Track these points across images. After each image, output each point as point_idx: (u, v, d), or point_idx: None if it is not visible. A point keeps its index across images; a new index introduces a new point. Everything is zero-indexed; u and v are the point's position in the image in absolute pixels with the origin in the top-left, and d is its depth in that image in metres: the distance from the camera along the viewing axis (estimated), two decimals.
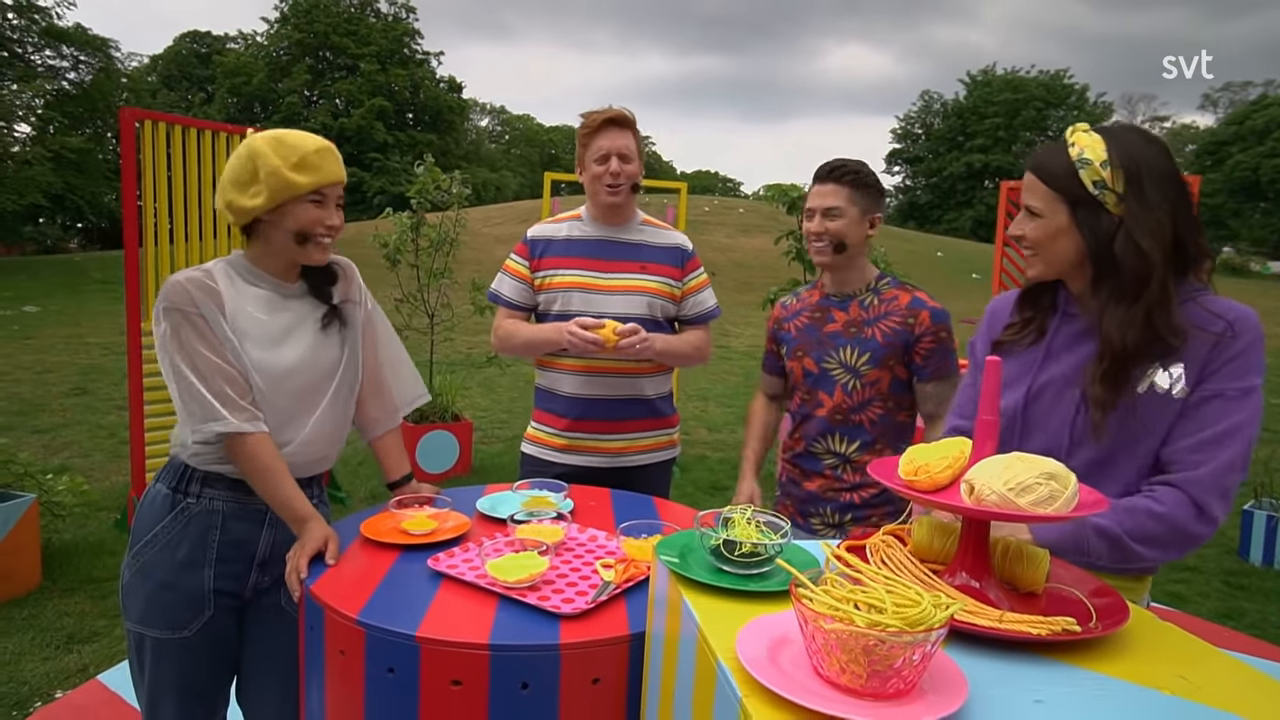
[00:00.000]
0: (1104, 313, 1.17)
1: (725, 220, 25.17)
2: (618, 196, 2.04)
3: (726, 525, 1.02)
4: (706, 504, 4.95)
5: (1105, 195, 1.15)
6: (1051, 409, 1.24)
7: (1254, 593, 3.87)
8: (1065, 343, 1.26)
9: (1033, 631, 0.79)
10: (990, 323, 1.42)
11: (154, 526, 1.46)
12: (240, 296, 1.47)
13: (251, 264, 1.51)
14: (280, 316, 1.51)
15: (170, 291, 1.41)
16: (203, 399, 1.38)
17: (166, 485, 1.48)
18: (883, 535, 1.00)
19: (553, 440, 2.12)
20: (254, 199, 1.44)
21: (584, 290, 2.05)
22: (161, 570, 1.44)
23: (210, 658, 1.49)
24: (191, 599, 1.45)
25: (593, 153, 2.03)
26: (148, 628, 1.45)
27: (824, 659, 0.70)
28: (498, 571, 1.26)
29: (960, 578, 0.90)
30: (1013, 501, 0.82)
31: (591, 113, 2.08)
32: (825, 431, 1.86)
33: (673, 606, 0.97)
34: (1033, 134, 53.13)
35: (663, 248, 2.15)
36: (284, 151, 1.43)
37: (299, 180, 1.44)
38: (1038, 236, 1.22)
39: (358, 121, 36.17)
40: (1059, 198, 1.18)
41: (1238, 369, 1.14)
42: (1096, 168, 1.15)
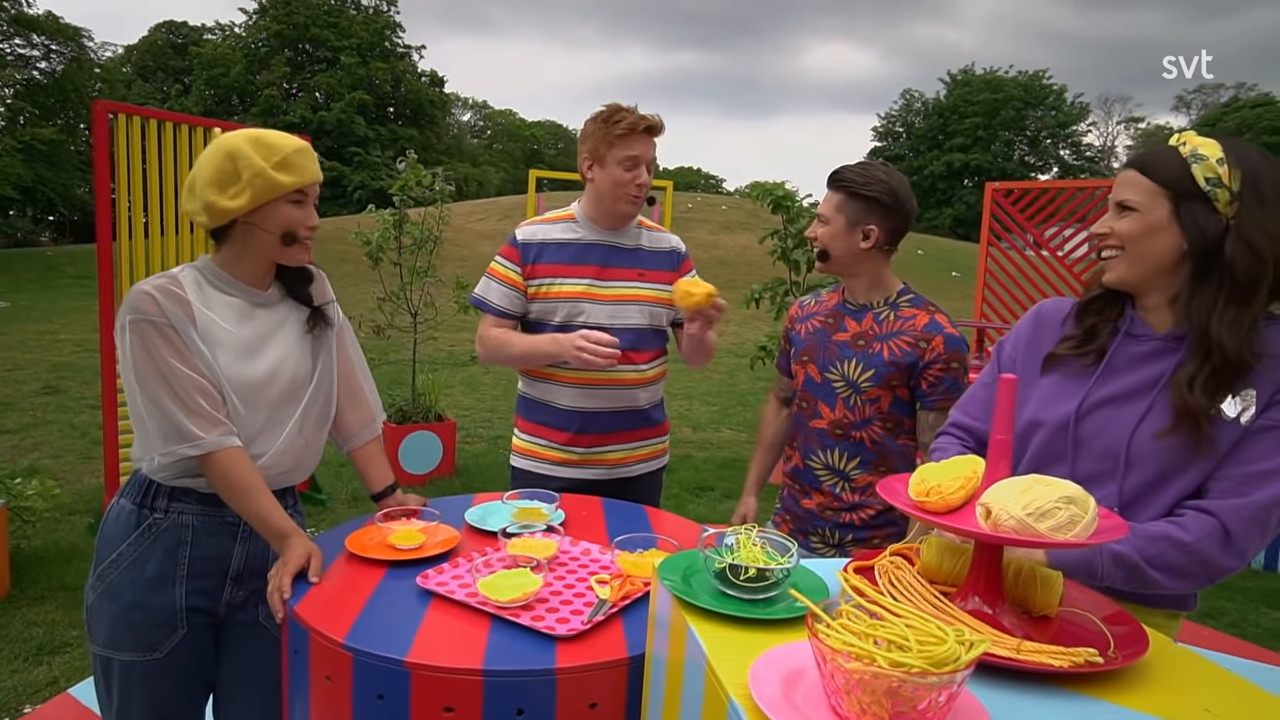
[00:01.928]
0: (1211, 318, 1.10)
1: (708, 217, 25.16)
2: (636, 206, 1.98)
3: (731, 547, 0.98)
4: (692, 505, 4.93)
5: (1218, 192, 1.10)
6: (1106, 426, 1.18)
7: (1233, 591, 3.90)
8: (1127, 361, 1.20)
9: (1053, 663, 0.76)
10: (1037, 327, 1.33)
11: (119, 545, 1.39)
12: (210, 305, 1.41)
13: (222, 269, 1.45)
14: (252, 325, 1.45)
15: (136, 301, 1.34)
16: (174, 418, 1.31)
17: (131, 501, 1.41)
18: (890, 556, 0.96)
19: (550, 454, 2.04)
20: (235, 200, 1.38)
21: (586, 300, 1.96)
22: (129, 590, 1.37)
23: (184, 679, 1.43)
24: (162, 619, 1.38)
25: (620, 155, 1.91)
26: (116, 651, 1.38)
27: (843, 699, 0.67)
28: (490, 590, 1.22)
29: (973, 602, 0.87)
30: (1032, 527, 0.79)
31: (623, 111, 1.93)
32: (824, 445, 1.79)
33: (676, 631, 0.93)
34: (1011, 134, 53.69)
35: (659, 252, 2.09)
36: (265, 151, 1.38)
37: (283, 180, 1.39)
38: (1130, 231, 1.15)
39: (338, 115, 35.75)
40: (1163, 192, 1.12)
41: None
42: (1212, 164, 1.10)
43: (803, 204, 5.41)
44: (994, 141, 52.56)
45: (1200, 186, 1.10)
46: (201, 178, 1.39)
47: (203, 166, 1.40)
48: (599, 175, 1.95)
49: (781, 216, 5.36)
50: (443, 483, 4.95)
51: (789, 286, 5.45)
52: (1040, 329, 1.33)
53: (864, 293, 1.81)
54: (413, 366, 5.16)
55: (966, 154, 51.98)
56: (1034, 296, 6.18)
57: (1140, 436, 1.15)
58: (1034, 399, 1.27)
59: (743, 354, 11.45)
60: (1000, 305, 6.02)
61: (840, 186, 1.76)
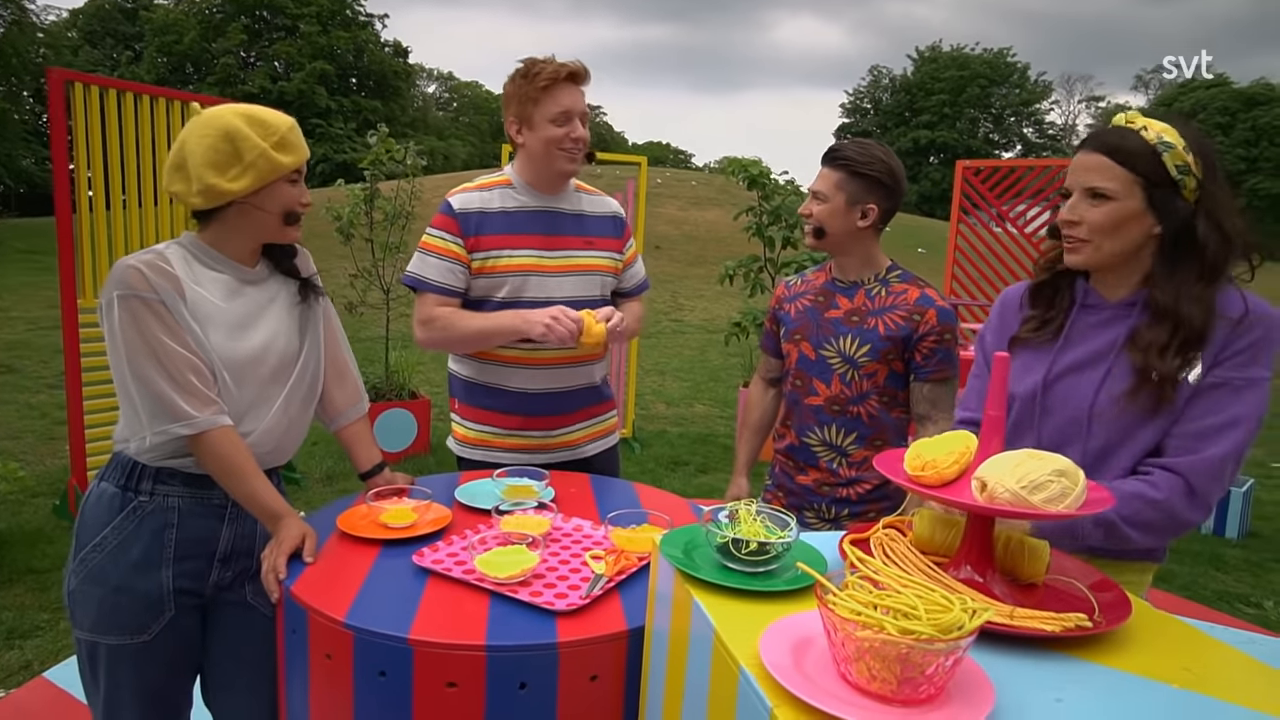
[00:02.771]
0: (1181, 296, 1.15)
1: (678, 193, 25.06)
2: (576, 164, 1.83)
3: (731, 521, 1.00)
4: (667, 479, 4.98)
5: (1187, 180, 1.14)
6: (1070, 393, 1.25)
7: (1184, 556, 4.08)
8: (1083, 330, 1.26)
9: (1046, 628, 0.80)
10: (1002, 314, 1.40)
11: (102, 528, 1.36)
12: (199, 281, 1.38)
13: (210, 246, 1.42)
14: (242, 301, 1.43)
15: (125, 277, 1.31)
16: (166, 397, 1.29)
17: (114, 484, 1.38)
18: (884, 528, 1.00)
19: (505, 441, 1.92)
20: (235, 182, 1.35)
21: (534, 273, 1.83)
22: (114, 574, 1.35)
23: (172, 660, 1.42)
24: (149, 602, 1.37)
25: (548, 110, 1.77)
26: (103, 635, 1.36)
27: (852, 666, 0.70)
28: (487, 567, 1.23)
29: (965, 571, 0.90)
30: (1026, 499, 0.82)
31: (540, 63, 1.79)
32: (820, 422, 1.81)
33: (679, 604, 0.95)
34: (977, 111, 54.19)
35: (603, 217, 1.98)
36: (263, 131, 1.35)
37: (284, 160, 1.37)
38: (1104, 221, 1.17)
39: (298, 86, 34.72)
40: (1138, 181, 1.16)
41: (1247, 359, 1.15)
42: (1180, 152, 1.14)
43: (777, 180, 5.43)
44: (959, 119, 53.07)
45: (1171, 175, 1.14)
46: (196, 159, 1.35)
47: (195, 147, 1.35)
48: (529, 138, 1.81)
49: (756, 193, 5.37)
50: (418, 460, 4.93)
51: (763, 263, 5.48)
52: (1005, 315, 1.40)
53: (855, 270, 1.83)
54: (386, 344, 5.11)
55: (933, 131, 52.41)
56: (1000, 272, 6.29)
57: (1102, 400, 1.21)
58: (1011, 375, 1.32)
59: (714, 330, 11.51)
60: (968, 281, 6.13)
61: (841, 164, 1.76)
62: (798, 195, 5.43)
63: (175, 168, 1.38)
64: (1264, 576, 3.87)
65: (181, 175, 1.37)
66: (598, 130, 68.42)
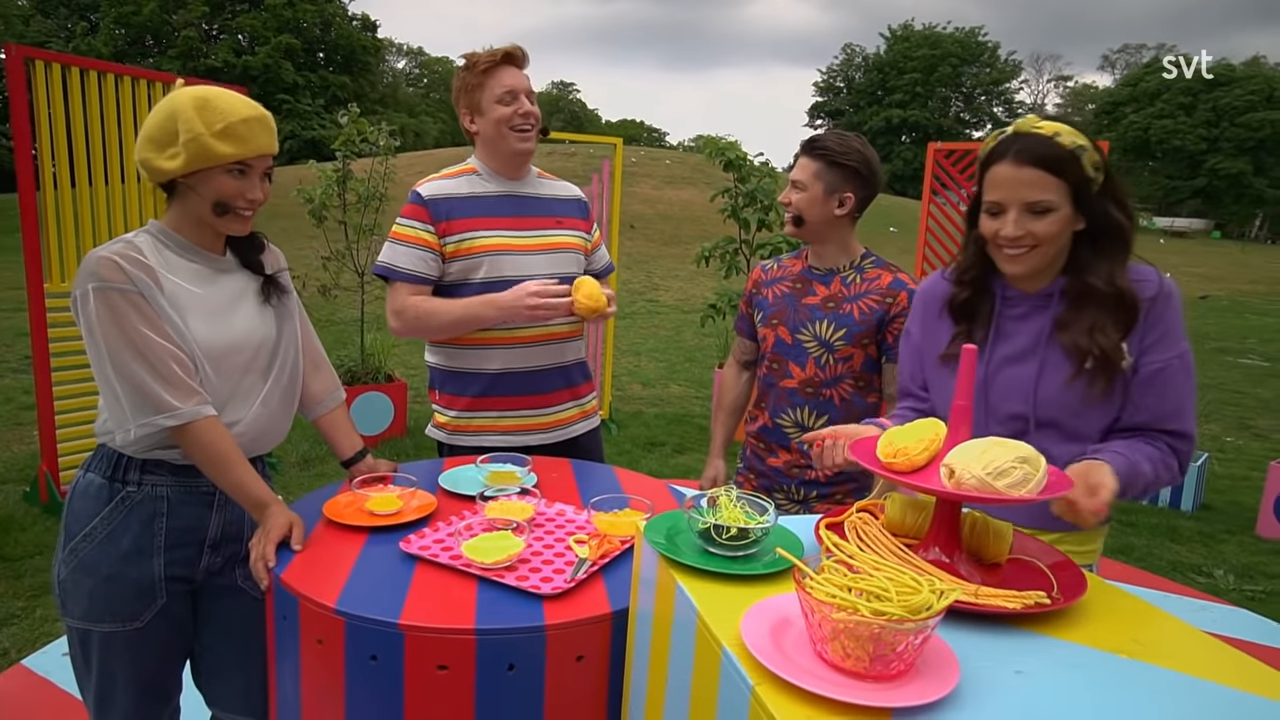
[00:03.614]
0: (1115, 275, 1.22)
1: (652, 172, 24.96)
2: (530, 141, 1.86)
3: (712, 507, 1.04)
4: (644, 460, 5.03)
5: (1098, 176, 1.21)
6: (1010, 387, 1.30)
7: (1141, 529, 4.24)
8: (1011, 325, 1.32)
9: (1008, 605, 0.85)
10: (925, 309, 1.45)
11: (91, 519, 1.37)
12: (172, 270, 1.38)
13: (175, 232, 1.42)
14: (216, 289, 1.43)
15: (99, 268, 1.30)
16: (148, 388, 1.29)
17: (100, 475, 1.39)
18: (858, 512, 1.04)
19: (489, 424, 1.92)
20: (170, 161, 1.34)
21: (508, 253, 1.85)
22: (105, 563, 1.36)
23: (164, 646, 1.44)
24: (141, 589, 1.38)
25: (494, 92, 1.82)
26: (95, 623, 1.37)
27: (828, 645, 0.74)
28: (474, 553, 1.26)
29: (933, 553, 0.95)
30: (991, 485, 0.87)
31: (478, 52, 1.85)
32: (794, 404, 1.86)
33: (662, 587, 0.99)
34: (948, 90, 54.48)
35: (568, 200, 2.03)
36: (208, 116, 1.32)
37: (220, 149, 1.33)
38: (1053, 231, 1.21)
39: (263, 60, 33.82)
40: (1067, 187, 1.21)
41: (1174, 334, 1.24)
42: (1092, 151, 1.21)
43: (754, 162, 5.46)
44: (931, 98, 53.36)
45: (1089, 174, 1.21)
46: (144, 133, 1.36)
47: (148, 122, 1.36)
48: (482, 124, 1.86)
49: (733, 175, 5.39)
50: (395, 443, 4.92)
51: (739, 245, 5.52)
52: (928, 313, 1.44)
53: (831, 257, 1.89)
54: (361, 327, 5.08)
55: (905, 110, 52.65)
56: None
57: (1044, 392, 1.28)
58: (943, 382, 1.39)
59: (689, 310, 11.55)
60: (938, 261, 6.23)
61: (819, 155, 1.81)
62: (773, 177, 5.46)
63: (139, 139, 1.40)
64: (1215, 547, 4.04)
65: (138, 146, 1.39)
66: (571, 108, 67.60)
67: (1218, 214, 46.37)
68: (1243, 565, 3.81)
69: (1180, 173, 47.07)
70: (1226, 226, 45.81)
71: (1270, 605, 3.40)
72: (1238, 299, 17.03)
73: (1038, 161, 1.19)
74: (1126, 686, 0.76)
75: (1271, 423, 6.98)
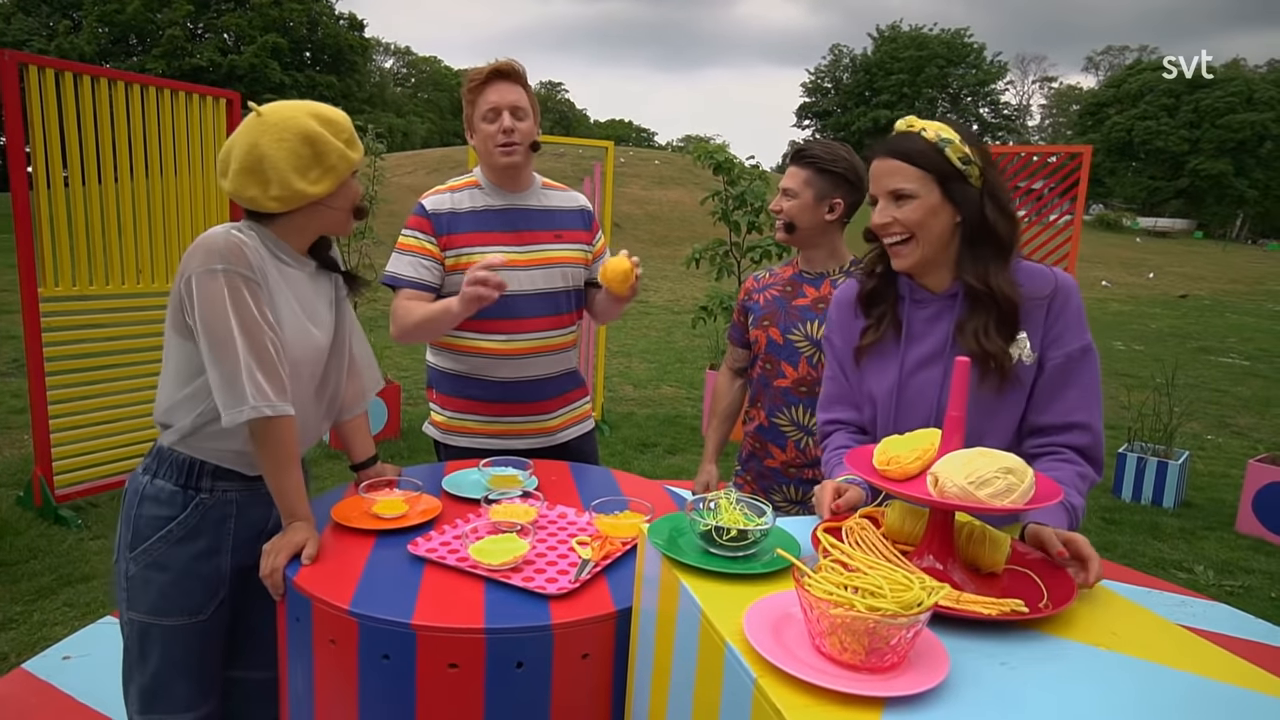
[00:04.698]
0: (989, 273, 1.26)
1: (640, 172, 25.01)
2: (513, 156, 1.89)
3: (712, 510, 1.09)
4: (637, 461, 5.07)
5: (971, 169, 1.26)
6: (923, 389, 1.34)
7: (1125, 526, 4.33)
8: (922, 326, 1.35)
9: (984, 612, 0.89)
10: (840, 316, 1.47)
11: (167, 522, 1.41)
12: (274, 273, 1.42)
13: (280, 238, 1.46)
14: (306, 298, 1.48)
15: (227, 251, 1.32)
16: (254, 377, 1.31)
17: (171, 482, 1.42)
18: (858, 518, 1.09)
19: (482, 427, 2.00)
20: (317, 185, 1.39)
21: (510, 268, 1.89)
22: (179, 562, 1.42)
23: (220, 635, 1.50)
24: (209, 584, 1.44)
25: (480, 110, 1.89)
26: (161, 617, 1.42)
27: (826, 639, 0.79)
28: (481, 555, 1.30)
29: (927, 560, 1.00)
30: (973, 494, 0.92)
31: (475, 69, 1.92)
32: (789, 403, 1.92)
33: (666, 587, 1.04)
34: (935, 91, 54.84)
35: (571, 211, 2.07)
36: (336, 130, 1.40)
37: (355, 157, 1.43)
38: (916, 218, 1.27)
39: (250, 59, 33.60)
40: (929, 176, 1.26)
41: (1076, 329, 1.27)
42: (958, 145, 1.25)
43: (743, 165, 5.51)
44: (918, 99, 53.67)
45: (956, 166, 1.26)
46: (279, 164, 1.36)
47: (275, 151, 1.35)
48: (475, 140, 1.94)
49: (723, 178, 5.44)
50: (390, 445, 4.95)
51: (728, 247, 5.57)
52: (843, 316, 1.47)
53: (821, 262, 1.96)
54: None
55: (892, 110, 52.84)
56: None
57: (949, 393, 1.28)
58: (865, 380, 1.42)
59: (679, 311, 11.61)
60: None
61: (808, 163, 1.89)
62: (763, 179, 5.52)
63: (247, 171, 1.38)
64: (1196, 544, 4.13)
65: (257, 179, 1.38)
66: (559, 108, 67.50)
67: (1200, 214, 46.91)
68: (1222, 561, 3.90)
69: (1163, 173, 47.60)
70: (1208, 227, 46.37)
71: (1247, 600, 3.49)
72: (1219, 298, 17.27)
73: (897, 153, 1.27)
74: (1103, 675, 0.82)
75: (1251, 421, 7.11)
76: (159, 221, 3.93)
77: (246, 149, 1.37)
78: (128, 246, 3.84)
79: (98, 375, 3.79)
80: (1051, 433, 1.28)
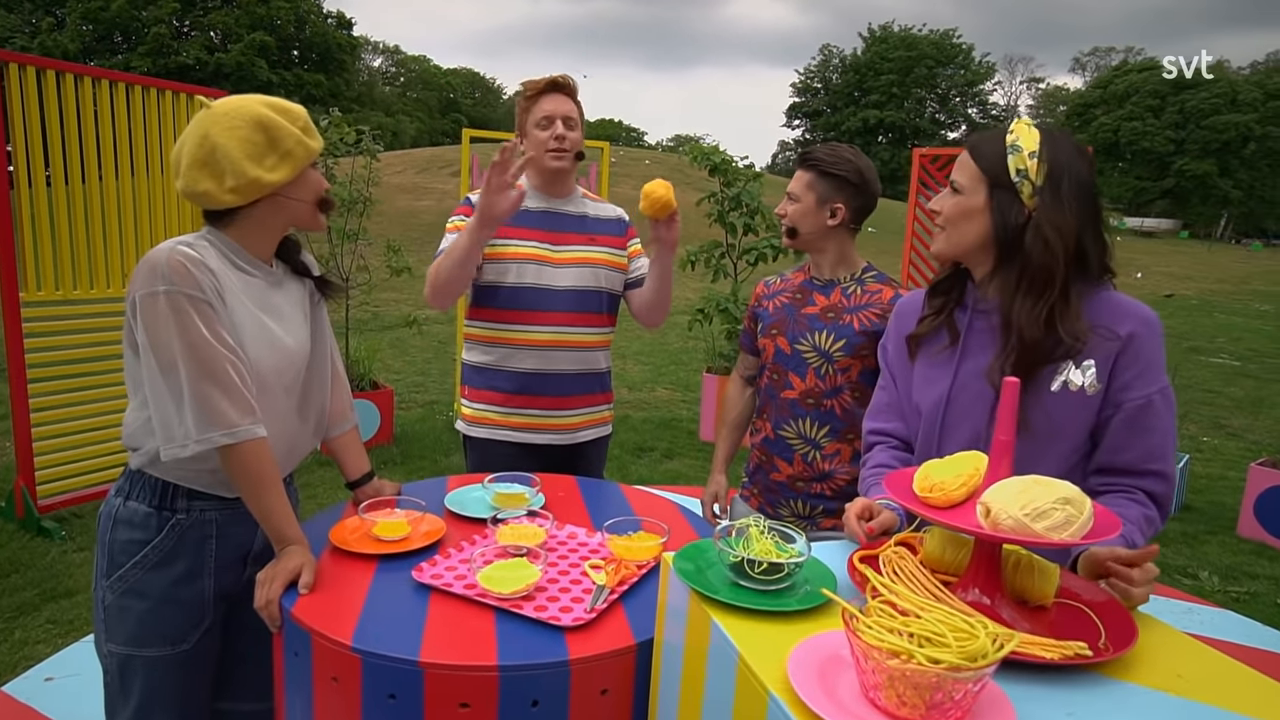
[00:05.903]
0: (1013, 305, 1.18)
1: (631, 171, 24.90)
2: (563, 161, 2.02)
3: (741, 537, 1.02)
4: (634, 466, 5.01)
5: (1023, 184, 1.17)
6: (972, 405, 1.26)
7: None
8: (980, 340, 1.27)
9: (1046, 655, 0.83)
10: (899, 323, 1.42)
11: (142, 546, 1.33)
12: (233, 284, 1.33)
13: (240, 245, 1.38)
14: (271, 305, 1.41)
15: (170, 270, 1.23)
16: (212, 403, 1.23)
17: (145, 503, 1.34)
18: (894, 546, 1.03)
19: (508, 420, 2.06)
20: (274, 172, 1.32)
21: (537, 262, 2.01)
22: (158, 587, 1.34)
23: (206, 664, 1.41)
24: (191, 611, 1.36)
25: (535, 117, 2.01)
26: (141, 648, 1.34)
27: (882, 692, 0.72)
28: (490, 583, 1.23)
29: (972, 594, 0.94)
30: (1029, 527, 0.86)
31: (533, 79, 2.05)
32: (796, 415, 1.85)
33: (695, 622, 0.97)
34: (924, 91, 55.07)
35: (606, 219, 2.17)
36: (292, 118, 1.34)
37: (314, 145, 1.36)
38: (952, 212, 1.23)
39: (236, 58, 33.31)
40: (983, 178, 1.20)
41: (1154, 371, 1.18)
42: (1024, 156, 1.17)
43: (738, 166, 5.45)
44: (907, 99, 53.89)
45: (1009, 176, 1.18)
46: (232, 152, 1.29)
47: (227, 140, 1.29)
48: (527, 144, 2.04)
49: (719, 179, 5.38)
50: (382, 451, 4.86)
51: (725, 249, 5.51)
52: (903, 322, 1.41)
53: (830, 269, 1.89)
54: (346, 334, 5.00)
55: (882, 111, 53.10)
56: None
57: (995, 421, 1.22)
58: (914, 385, 1.36)
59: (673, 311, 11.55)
60: (924, 264, 6.28)
61: (810, 166, 1.84)
62: (758, 181, 5.46)
63: (199, 164, 1.30)
64: (1199, 548, 4.10)
65: (210, 172, 1.30)
66: None
67: (1185, 214, 47.33)
68: (1226, 566, 3.87)
69: (1149, 174, 47.98)
70: (1193, 226, 46.77)
71: (1254, 606, 3.46)
72: (1206, 298, 17.38)
73: (971, 146, 1.23)
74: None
75: (1245, 422, 7.12)
76: (144, 224, 3.83)
77: (198, 142, 1.30)
78: (112, 249, 3.74)
79: (82, 382, 3.68)
80: (1126, 475, 1.21)
